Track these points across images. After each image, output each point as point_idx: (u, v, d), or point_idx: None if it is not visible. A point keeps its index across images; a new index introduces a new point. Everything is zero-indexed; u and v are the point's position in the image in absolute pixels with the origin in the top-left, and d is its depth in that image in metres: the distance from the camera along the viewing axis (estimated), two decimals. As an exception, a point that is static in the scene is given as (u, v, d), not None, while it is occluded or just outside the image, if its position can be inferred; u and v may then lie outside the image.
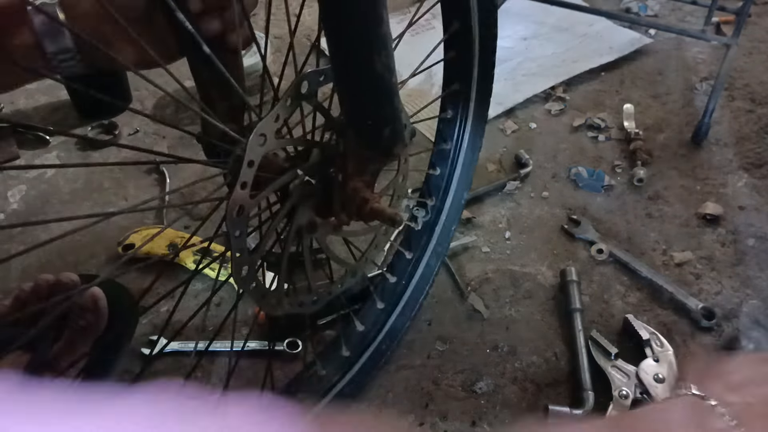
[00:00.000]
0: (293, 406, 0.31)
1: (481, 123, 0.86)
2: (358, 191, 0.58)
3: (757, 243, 1.04)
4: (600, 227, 1.07)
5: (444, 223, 0.90)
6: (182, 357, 0.89)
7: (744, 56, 1.45)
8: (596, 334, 0.87)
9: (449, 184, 0.88)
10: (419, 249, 0.90)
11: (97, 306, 0.74)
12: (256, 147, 0.51)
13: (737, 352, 0.59)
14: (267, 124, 0.51)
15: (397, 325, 0.88)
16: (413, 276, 0.89)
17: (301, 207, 0.60)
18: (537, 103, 1.35)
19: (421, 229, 0.88)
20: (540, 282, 0.99)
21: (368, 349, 0.85)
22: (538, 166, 1.19)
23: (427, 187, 0.89)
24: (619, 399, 0.81)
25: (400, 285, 0.89)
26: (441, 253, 0.92)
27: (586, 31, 1.54)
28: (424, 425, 0.82)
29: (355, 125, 0.55)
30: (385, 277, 0.88)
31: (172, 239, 1.01)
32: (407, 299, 0.89)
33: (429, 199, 0.87)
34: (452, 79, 0.80)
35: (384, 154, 0.57)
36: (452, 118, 0.83)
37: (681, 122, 1.29)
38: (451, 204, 0.89)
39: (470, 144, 0.86)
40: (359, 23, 0.46)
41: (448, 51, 0.76)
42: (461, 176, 0.88)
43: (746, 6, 1.19)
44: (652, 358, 0.85)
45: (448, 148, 0.85)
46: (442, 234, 0.90)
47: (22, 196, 1.15)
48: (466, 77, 0.79)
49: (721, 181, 1.15)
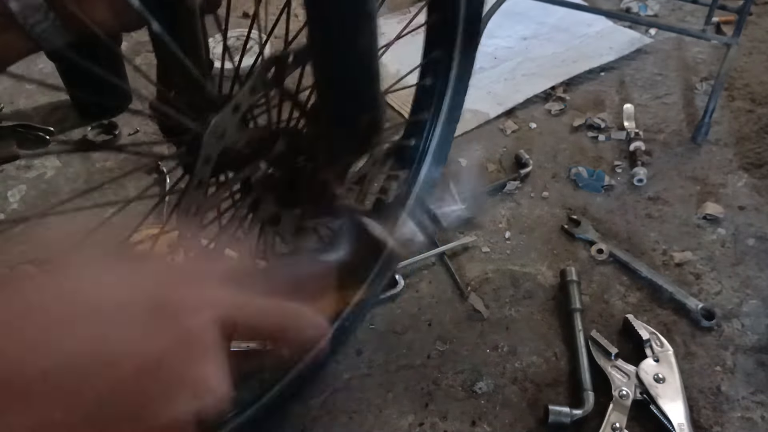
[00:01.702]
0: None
1: (461, 95, 0.80)
2: (327, 185, 0.53)
3: (757, 243, 1.04)
4: (600, 227, 1.07)
5: (416, 198, 0.85)
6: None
7: (744, 56, 1.45)
8: (596, 334, 0.87)
9: (423, 156, 0.83)
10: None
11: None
12: (213, 142, 0.46)
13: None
14: (226, 116, 0.46)
15: (366, 302, 0.84)
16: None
17: (264, 200, 0.54)
18: (537, 103, 1.35)
19: (392, 203, 0.82)
20: (540, 282, 0.99)
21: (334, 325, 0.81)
22: (538, 166, 1.19)
23: (401, 159, 0.82)
24: (619, 399, 0.81)
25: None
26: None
27: (586, 31, 1.54)
28: (424, 425, 0.82)
29: (331, 111, 0.50)
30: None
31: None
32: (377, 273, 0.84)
33: (401, 172, 0.82)
34: (434, 45, 0.74)
35: (361, 143, 0.52)
36: (431, 86, 0.77)
37: (681, 122, 1.29)
38: (424, 178, 0.84)
39: (448, 116, 0.80)
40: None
41: (431, 14, 0.71)
42: (436, 150, 0.83)
43: (747, 5, 1.19)
44: (652, 358, 0.85)
45: (425, 118, 0.80)
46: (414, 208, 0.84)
47: (22, 196, 1.15)
48: (449, 44, 0.73)
49: (721, 181, 1.15)
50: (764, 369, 0.87)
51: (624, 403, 0.81)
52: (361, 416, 0.83)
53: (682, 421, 0.78)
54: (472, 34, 0.73)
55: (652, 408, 0.81)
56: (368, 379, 0.87)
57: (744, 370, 0.87)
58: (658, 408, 0.80)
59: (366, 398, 0.85)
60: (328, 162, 0.53)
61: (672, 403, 0.80)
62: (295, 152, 0.54)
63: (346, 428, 0.82)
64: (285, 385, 0.78)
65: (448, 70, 0.75)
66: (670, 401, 0.80)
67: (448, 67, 0.75)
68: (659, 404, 0.80)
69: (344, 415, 0.83)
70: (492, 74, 1.42)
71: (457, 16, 0.69)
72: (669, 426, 0.79)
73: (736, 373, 0.87)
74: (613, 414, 0.80)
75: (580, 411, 0.80)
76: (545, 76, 1.40)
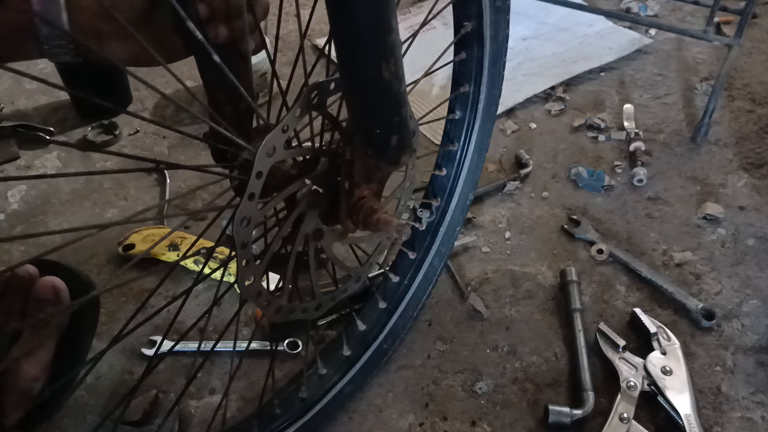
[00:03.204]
0: None
1: (489, 125, 0.85)
2: (365, 200, 0.58)
3: (757, 243, 1.04)
4: (600, 227, 1.07)
5: (448, 224, 0.89)
6: (183, 357, 0.89)
7: (744, 56, 1.45)
8: (604, 327, 0.88)
9: (455, 185, 0.87)
10: (423, 249, 0.89)
11: (59, 297, 0.62)
12: (264, 158, 0.51)
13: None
14: (276, 136, 0.51)
15: (399, 325, 0.88)
16: (416, 276, 0.89)
17: (308, 215, 0.60)
18: (537, 103, 1.35)
19: (425, 230, 0.88)
20: (540, 282, 0.99)
21: (369, 349, 0.85)
22: (538, 166, 1.19)
23: (432, 188, 0.88)
24: (627, 390, 0.82)
25: (402, 285, 0.88)
26: (444, 253, 0.91)
27: (586, 31, 1.54)
28: (424, 425, 0.82)
29: (363, 134, 0.55)
30: (388, 277, 0.88)
31: (173, 239, 1.02)
32: (409, 299, 0.89)
33: (434, 200, 0.87)
34: (461, 80, 0.79)
35: (391, 162, 0.57)
36: (460, 119, 0.83)
37: (681, 122, 1.29)
38: (456, 205, 0.88)
39: (477, 146, 0.85)
40: (368, 32, 0.46)
41: (459, 52, 0.76)
42: (467, 178, 0.87)
43: (749, 6, 1.19)
44: (659, 350, 0.85)
45: (455, 149, 0.85)
46: (446, 235, 0.90)
47: (22, 196, 1.15)
48: (476, 79, 0.78)
49: (721, 181, 1.16)
50: (764, 369, 0.87)
51: (632, 394, 0.81)
52: (361, 416, 0.83)
53: (689, 412, 0.79)
54: (498, 68, 0.79)
55: (660, 399, 0.81)
56: (368, 379, 0.87)
57: (744, 370, 0.87)
58: (665, 399, 0.81)
59: (366, 398, 0.85)
60: (364, 179, 0.58)
61: (679, 395, 0.81)
62: (336, 171, 0.60)
63: (346, 428, 0.82)
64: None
65: (476, 102, 0.81)
66: (678, 393, 0.81)
67: (476, 99, 0.80)
68: (666, 396, 0.81)
69: (344, 415, 0.83)
70: (492, 74, 1.42)
71: (482, 53, 0.75)
72: (676, 417, 0.79)
73: (736, 373, 0.87)
74: (621, 404, 0.80)
75: (580, 411, 0.80)
76: (545, 76, 1.40)
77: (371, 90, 0.50)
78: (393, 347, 0.88)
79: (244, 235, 0.53)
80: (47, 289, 0.62)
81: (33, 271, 0.63)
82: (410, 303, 0.89)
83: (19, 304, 0.61)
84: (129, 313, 0.81)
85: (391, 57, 0.48)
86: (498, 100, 0.84)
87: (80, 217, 1.11)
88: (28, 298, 0.61)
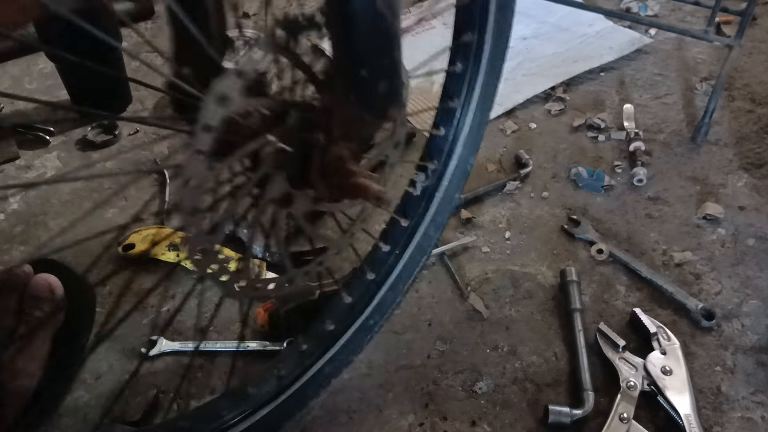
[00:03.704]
0: None
1: (494, 80, 0.75)
2: (341, 161, 0.50)
3: (757, 243, 1.04)
4: (600, 227, 1.07)
5: (446, 190, 0.79)
6: (181, 357, 0.89)
7: (744, 56, 1.45)
8: (604, 327, 0.88)
9: (454, 146, 0.77)
10: (416, 216, 0.79)
11: (54, 295, 0.63)
12: (214, 107, 0.43)
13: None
14: (230, 81, 0.43)
15: (387, 299, 0.80)
16: (408, 246, 0.80)
17: (274, 177, 0.51)
18: (537, 103, 1.35)
19: (419, 195, 0.78)
20: (540, 282, 0.99)
21: (354, 324, 0.77)
22: (538, 166, 1.19)
23: (429, 149, 0.79)
24: (627, 390, 0.82)
25: (393, 255, 0.79)
26: (441, 223, 0.82)
27: (586, 31, 1.54)
28: (424, 425, 0.82)
29: (346, 77, 0.47)
30: (377, 246, 0.78)
31: (173, 239, 1.02)
32: (400, 271, 0.80)
33: (430, 163, 0.77)
34: (464, 27, 0.69)
35: (377, 114, 0.49)
36: (461, 72, 0.73)
37: (681, 122, 1.29)
38: (454, 169, 0.79)
39: (480, 104, 0.76)
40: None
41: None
42: (467, 139, 0.77)
43: (750, 7, 1.19)
44: (659, 350, 0.85)
45: (454, 106, 0.75)
46: (443, 202, 0.80)
47: (22, 197, 1.15)
48: (481, 25, 0.69)
49: (721, 181, 1.16)
50: (764, 369, 0.87)
51: (632, 393, 0.81)
52: (361, 416, 0.83)
53: (689, 413, 0.79)
54: (506, 14, 0.70)
55: (660, 399, 0.81)
56: (368, 379, 0.87)
57: (744, 370, 0.87)
58: (665, 399, 0.81)
59: (366, 398, 0.85)
60: (344, 135, 0.50)
61: (679, 395, 0.81)
62: (308, 127, 0.50)
63: (346, 428, 0.82)
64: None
65: (480, 54, 0.71)
66: (678, 393, 0.81)
67: (480, 50, 0.71)
68: (666, 396, 0.81)
69: (344, 415, 0.83)
70: (492, 74, 1.42)
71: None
72: (676, 417, 0.79)
73: (736, 373, 0.87)
74: (621, 404, 0.80)
75: (580, 411, 0.80)
76: (545, 76, 1.40)
77: (361, 22, 0.43)
78: (379, 324, 0.80)
79: (194, 199, 0.45)
80: (42, 287, 0.63)
81: (28, 270, 0.64)
82: (401, 275, 0.80)
83: (14, 301, 0.61)
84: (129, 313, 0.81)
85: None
86: (505, 52, 0.74)
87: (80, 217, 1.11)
88: (23, 295, 0.62)
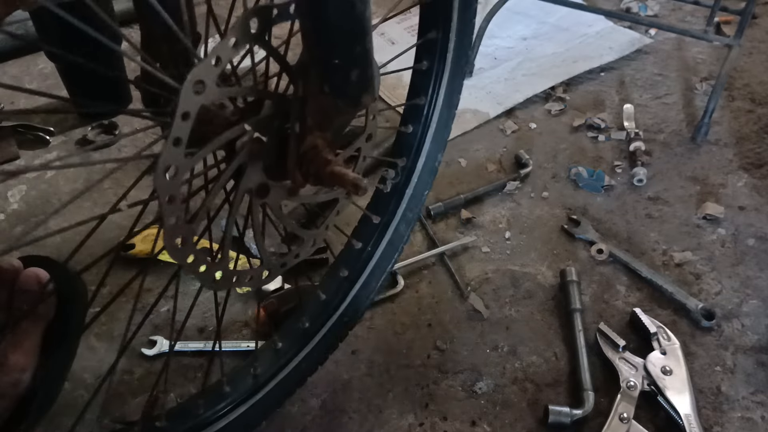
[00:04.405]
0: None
1: (459, 78, 0.77)
2: (317, 150, 0.51)
3: (757, 243, 1.04)
4: (600, 227, 1.07)
5: (415, 187, 0.81)
6: (181, 357, 0.89)
7: (744, 56, 1.45)
8: (604, 327, 0.88)
9: (422, 143, 0.79)
10: (388, 213, 0.81)
11: (43, 287, 0.63)
12: (191, 95, 0.43)
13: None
14: (206, 69, 0.43)
15: (361, 296, 0.80)
16: (380, 243, 0.81)
17: (250, 167, 0.51)
18: (537, 103, 1.35)
19: (389, 192, 0.80)
20: (540, 282, 0.99)
21: (329, 321, 0.78)
22: (538, 166, 1.19)
23: (398, 146, 0.80)
24: (627, 390, 0.82)
25: (365, 252, 0.80)
26: (411, 219, 0.84)
27: (586, 31, 1.54)
28: (424, 425, 0.82)
29: (319, 66, 0.48)
30: (350, 243, 0.79)
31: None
32: (372, 268, 0.81)
33: (399, 160, 0.79)
34: (429, 25, 0.71)
35: (350, 102, 0.50)
36: (427, 70, 0.74)
37: (681, 122, 1.29)
38: (423, 165, 0.80)
39: (446, 100, 0.77)
40: None
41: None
42: (435, 136, 0.79)
43: (749, 7, 1.19)
44: (659, 350, 0.86)
45: (421, 103, 0.77)
46: (413, 199, 0.82)
47: (22, 196, 1.15)
48: (445, 24, 0.70)
49: (721, 181, 1.16)
50: (764, 369, 0.87)
51: (632, 393, 0.82)
52: (361, 416, 0.83)
53: (689, 412, 0.79)
54: (468, 14, 0.72)
55: (660, 399, 0.82)
56: (368, 379, 0.87)
57: (744, 370, 0.87)
58: (665, 399, 0.81)
59: (366, 398, 0.85)
60: (318, 124, 0.50)
61: (679, 395, 0.81)
62: (283, 116, 0.51)
63: (346, 428, 0.82)
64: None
65: (445, 52, 0.73)
66: (677, 393, 0.81)
67: (445, 48, 0.72)
68: (666, 395, 0.81)
69: (344, 415, 0.83)
70: (492, 74, 1.42)
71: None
72: (676, 417, 0.79)
73: (736, 373, 0.87)
74: (621, 404, 0.81)
75: (580, 411, 0.80)
76: (545, 76, 1.40)
77: (332, 9, 0.44)
78: (354, 320, 0.81)
79: (171, 187, 0.45)
80: (31, 280, 0.63)
81: (17, 264, 0.64)
82: (374, 272, 0.81)
83: (4, 296, 0.61)
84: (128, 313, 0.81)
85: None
86: (468, 50, 0.76)
87: (80, 217, 1.11)
88: (13, 290, 0.62)
